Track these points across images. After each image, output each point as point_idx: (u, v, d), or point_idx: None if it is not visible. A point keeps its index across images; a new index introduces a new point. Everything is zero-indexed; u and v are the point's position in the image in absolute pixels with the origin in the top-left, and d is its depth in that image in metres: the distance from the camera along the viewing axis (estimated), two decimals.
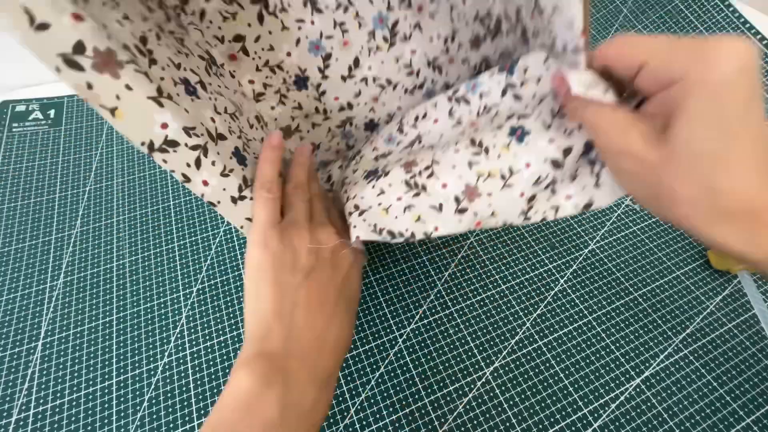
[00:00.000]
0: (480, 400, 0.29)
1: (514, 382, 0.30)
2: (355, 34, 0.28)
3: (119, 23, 0.19)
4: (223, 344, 0.31)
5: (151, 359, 0.30)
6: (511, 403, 0.29)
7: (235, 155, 0.23)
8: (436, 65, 0.31)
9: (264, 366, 0.19)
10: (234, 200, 0.22)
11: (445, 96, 0.28)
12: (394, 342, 0.31)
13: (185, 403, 0.28)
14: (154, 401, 0.28)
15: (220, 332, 0.31)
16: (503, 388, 0.29)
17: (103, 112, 0.18)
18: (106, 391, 0.29)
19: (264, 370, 0.19)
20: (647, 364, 0.30)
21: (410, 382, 0.29)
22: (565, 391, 0.29)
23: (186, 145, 0.20)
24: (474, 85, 0.27)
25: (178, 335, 0.31)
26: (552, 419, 0.28)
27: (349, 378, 0.29)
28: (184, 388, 0.29)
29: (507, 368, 0.30)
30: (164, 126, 0.19)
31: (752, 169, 0.16)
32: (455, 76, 0.31)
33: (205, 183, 0.21)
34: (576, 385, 0.29)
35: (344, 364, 0.30)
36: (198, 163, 0.20)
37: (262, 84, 0.30)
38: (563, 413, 0.28)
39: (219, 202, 0.22)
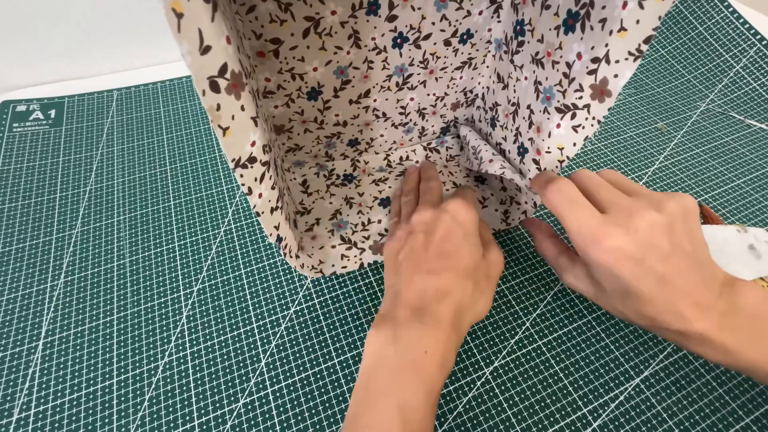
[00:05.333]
0: (480, 400, 0.29)
1: (514, 381, 0.30)
2: (377, 73, 0.32)
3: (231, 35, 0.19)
4: (223, 344, 0.31)
5: (151, 359, 0.30)
6: (511, 402, 0.29)
7: (274, 167, 0.24)
8: (422, 113, 0.39)
9: (378, 320, 0.25)
10: (272, 210, 0.23)
11: (421, 145, 0.43)
12: None
13: (185, 403, 0.28)
14: (154, 401, 0.28)
15: (220, 332, 0.31)
16: (503, 387, 0.29)
17: (218, 130, 0.18)
18: (107, 390, 0.29)
19: (377, 322, 0.25)
20: (647, 364, 0.30)
21: None
22: (565, 391, 0.29)
23: (260, 161, 0.21)
24: (441, 141, 0.43)
25: (178, 335, 0.31)
26: (552, 419, 0.28)
27: (349, 378, 0.29)
28: (184, 388, 0.29)
29: (507, 368, 0.30)
30: (253, 144, 0.20)
31: (658, 299, 0.22)
32: (431, 124, 0.41)
33: (260, 195, 0.22)
34: (575, 385, 0.30)
35: (344, 364, 0.30)
36: (262, 178, 0.21)
37: (277, 85, 0.30)
38: (563, 413, 0.28)
39: (263, 213, 0.23)
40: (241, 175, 0.20)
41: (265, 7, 0.25)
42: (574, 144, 0.26)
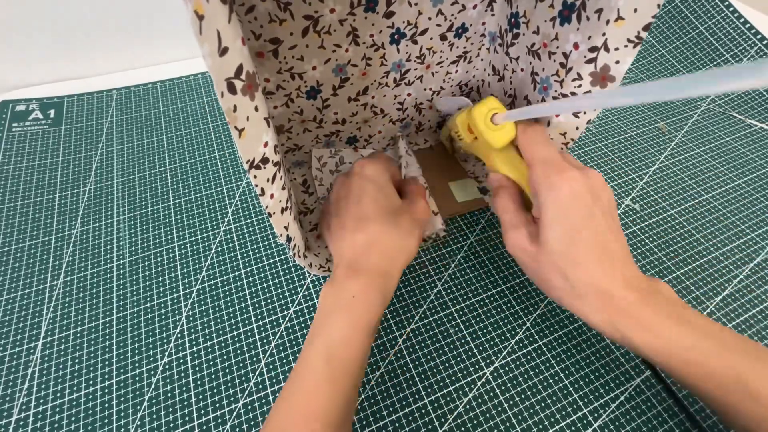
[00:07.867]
0: (480, 400, 0.29)
1: (514, 382, 0.30)
2: (374, 70, 0.32)
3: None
4: (223, 344, 0.31)
5: (151, 359, 0.30)
6: (511, 403, 0.29)
7: (283, 168, 0.25)
8: (419, 108, 0.39)
9: (327, 282, 0.27)
10: (282, 211, 0.24)
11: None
12: (394, 342, 0.31)
13: (185, 403, 0.28)
14: (154, 401, 0.28)
15: (220, 332, 0.31)
16: (503, 388, 0.29)
17: (234, 132, 0.18)
18: (106, 390, 0.29)
19: (326, 283, 0.27)
20: (647, 364, 0.30)
21: (410, 382, 0.29)
22: (566, 391, 0.29)
23: (272, 162, 0.21)
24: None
25: (178, 335, 0.31)
26: (552, 419, 0.28)
27: None
28: (184, 388, 0.29)
29: (507, 368, 0.30)
30: (266, 144, 0.20)
31: (593, 263, 0.23)
32: (428, 119, 0.41)
33: (272, 196, 0.22)
34: (576, 385, 0.29)
35: None
36: (273, 178, 0.21)
37: (276, 85, 0.30)
38: (563, 413, 0.28)
39: (274, 213, 0.23)
40: (255, 176, 0.20)
41: (264, 6, 0.25)
42: (577, 128, 0.26)
